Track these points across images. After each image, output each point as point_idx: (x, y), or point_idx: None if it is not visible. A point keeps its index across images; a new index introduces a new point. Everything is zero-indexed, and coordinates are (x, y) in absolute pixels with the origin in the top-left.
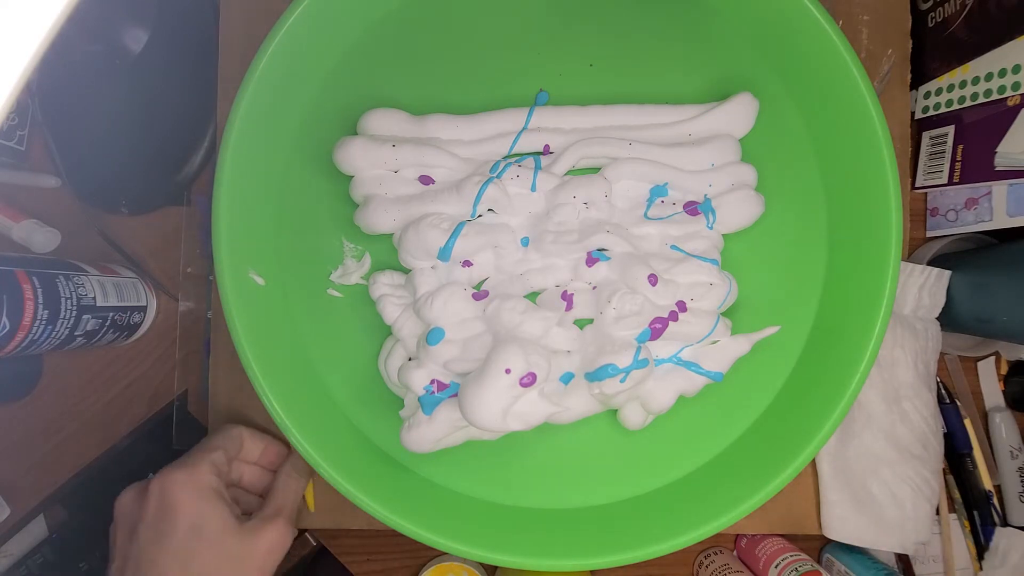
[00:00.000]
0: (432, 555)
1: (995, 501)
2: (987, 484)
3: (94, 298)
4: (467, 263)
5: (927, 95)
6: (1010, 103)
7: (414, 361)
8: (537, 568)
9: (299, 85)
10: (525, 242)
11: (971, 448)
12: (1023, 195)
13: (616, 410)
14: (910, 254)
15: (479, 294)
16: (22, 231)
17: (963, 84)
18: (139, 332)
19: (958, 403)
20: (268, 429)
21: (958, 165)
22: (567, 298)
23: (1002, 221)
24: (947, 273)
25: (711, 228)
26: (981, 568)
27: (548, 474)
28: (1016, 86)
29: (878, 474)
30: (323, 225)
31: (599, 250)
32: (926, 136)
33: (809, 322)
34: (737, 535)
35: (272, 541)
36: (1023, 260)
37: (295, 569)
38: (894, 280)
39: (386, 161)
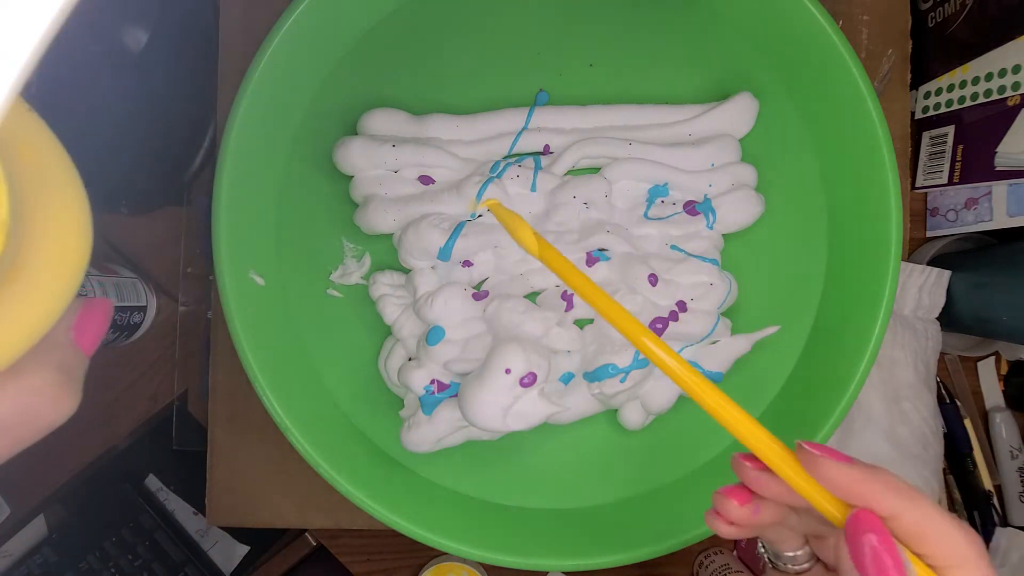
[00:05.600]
0: (432, 555)
1: (995, 501)
2: (987, 484)
3: None
4: (467, 263)
5: (927, 95)
6: (1010, 103)
7: (414, 361)
8: (537, 568)
9: (299, 85)
10: None
11: (971, 448)
12: (1023, 195)
13: (616, 410)
14: (910, 254)
15: (479, 294)
16: None
17: (963, 84)
18: (139, 332)
19: (958, 403)
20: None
21: (958, 165)
22: (567, 298)
23: (1002, 221)
24: (947, 273)
25: (711, 228)
26: None
27: (548, 474)
28: (1016, 86)
29: None
30: (323, 225)
31: (599, 250)
32: (926, 136)
33: (809, 322)
34: None
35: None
36: (1023, 260)
37: (295, 569)
38: (894, 280)
39: (386, 161)
